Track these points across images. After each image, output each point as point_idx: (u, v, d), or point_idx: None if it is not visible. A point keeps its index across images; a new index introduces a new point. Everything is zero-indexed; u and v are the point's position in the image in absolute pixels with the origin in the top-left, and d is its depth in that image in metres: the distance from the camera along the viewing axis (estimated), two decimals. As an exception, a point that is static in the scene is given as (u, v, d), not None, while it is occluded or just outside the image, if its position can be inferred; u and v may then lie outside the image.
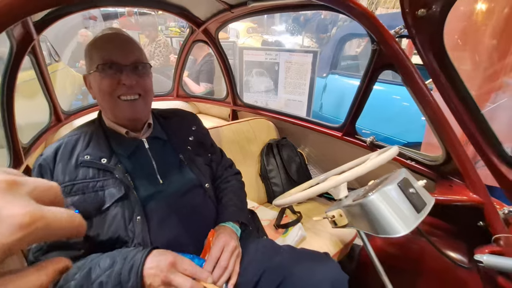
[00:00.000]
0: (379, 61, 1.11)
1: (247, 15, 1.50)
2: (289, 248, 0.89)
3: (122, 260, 0.67)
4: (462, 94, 0.91)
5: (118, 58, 0.80)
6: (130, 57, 0.82)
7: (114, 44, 0.82)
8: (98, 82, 0.81)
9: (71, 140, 0.84)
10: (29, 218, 0.21)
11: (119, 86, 0.81)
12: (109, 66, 0.79)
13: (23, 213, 0.21)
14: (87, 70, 0.85)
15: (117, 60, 0.80)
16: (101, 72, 0.80)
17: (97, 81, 0.81)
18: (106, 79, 0.80)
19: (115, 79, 0.80)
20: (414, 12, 0.85)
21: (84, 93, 4.31)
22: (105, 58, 0.79)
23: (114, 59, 0.80)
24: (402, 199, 0.74)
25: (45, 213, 0.23)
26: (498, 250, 0.88)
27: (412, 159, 1.17)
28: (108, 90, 0.81)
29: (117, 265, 0.67)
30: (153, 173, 0.87)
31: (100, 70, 0.79)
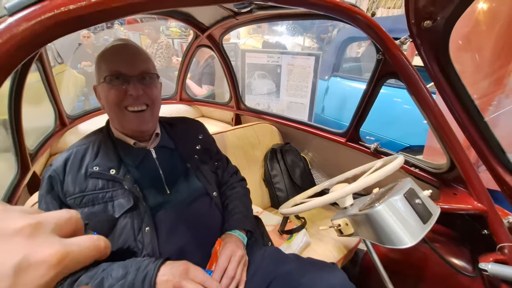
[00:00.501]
0: (384, 70, 1.12)
1: (251, 22, 1.51)
2: (295, 257, 0.90)
3: (135, 271, 0.68)
4: (465, 103, 0.92)
5: (125, 69, 0.81)
6: (137, 68, 0.82)
7: (121, 56, 0.83)
8: (106, 93, 0.82)
9: (80, 150, 0.85)
10: (56, 258, 0.22)
11: (126, 97, 0.81)
12: (116, 77, 0.80)
13: (50, 253, 0.22)
14: (96, 81, 0.86)
15: (124, 71, 0.81)
16: (109, 83, 0.81)
17: (105, 92, 0.82)
18: (113, 90, 0.81)
19: (122, 90, 0.81)
20: (420, 23, 0.86)
21: (85, 94, 4.32)
22: (112, 69, 0.80)
23: (121, 70, 0.81)
24: (409, 210, 0.75)
25: (71, 248, 0.24)
26: (503, 258, 0.89)
27: (416, 166, 1.18)
28: (115, 101, 0.81)
29: (130, 275, 0.68)
30: (160, 182, 0.88)
31: (108, 81, 0.80)
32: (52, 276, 0.22)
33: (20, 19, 0.40)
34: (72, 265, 0.24)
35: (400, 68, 1.01)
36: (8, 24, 0.40)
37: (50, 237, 0.24)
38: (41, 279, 0.21)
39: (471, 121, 0.93)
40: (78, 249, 0.25)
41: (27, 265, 0.21)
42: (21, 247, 0.22)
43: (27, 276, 0.21)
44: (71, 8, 0.41)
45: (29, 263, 0.21)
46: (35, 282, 0.21)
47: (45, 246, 0.23)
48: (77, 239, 0.26)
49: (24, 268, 0.21)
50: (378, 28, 0.92)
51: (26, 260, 0.21)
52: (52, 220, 0.26)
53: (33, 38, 0.40)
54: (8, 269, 0.20)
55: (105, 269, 0.71)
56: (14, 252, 0.21)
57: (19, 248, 0.22)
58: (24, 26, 0.39)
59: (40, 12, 0.40)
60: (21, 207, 0.27)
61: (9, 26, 0.40)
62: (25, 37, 0.40)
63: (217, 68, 3.03)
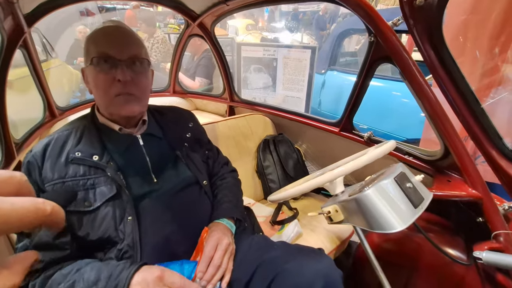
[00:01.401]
0: (376, 54, 1.08)
1: (242, 8, 1.47)
2: (282, 244, 0.88)
3: (107, 278, 0.64)
4: (461, 87, 0.89)
5: (114, 52, 0.77)
6: (127, 51, 0.78)
7: (111, 37, 0.79)
8: (94, 77, 0.78)
9: (62, 136, 0.81)
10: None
11: (114, 83, 0.77)
12: (104, 60, 0.76)
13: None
14: (84, 63, 0.82)
15: (113, 54, 0.77)
16: (96, 66, 0.77)
17: (93, 76, 0.78)
18: (101, 74, 0.77)
19: (110, 75, 0.77)
20: (412, 2, 0.83)
21: (82, 90, 4.29)
22: (100, 51, 0.76)
23: (109, 53, 0.76)
24: (399, 193, 0.71)
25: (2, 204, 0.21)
26: (498, 246, 0.86)
27: (410, 154, 1.15)
28: (103, 87, 0.78)
29: (101, 283, 0.63)
30: (147, 171, 0.85)
31: (95, 64, 0.77)
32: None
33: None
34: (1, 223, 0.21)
35: (393, 52, 0.98)
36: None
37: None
38: None
39: (466, 105, 0.90)
40: (10, 207, 0.22)
41: None
42: None
43: None
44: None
45: None
46: None
47: None
48: (13, 198, 0.23)
49: None
50: (369, 7, 0.88)
51: None
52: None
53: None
54: None
55: (80, 270, 0.67)
56: None
57: None
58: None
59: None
60: None
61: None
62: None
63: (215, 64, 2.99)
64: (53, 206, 0.26)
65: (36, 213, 0.24)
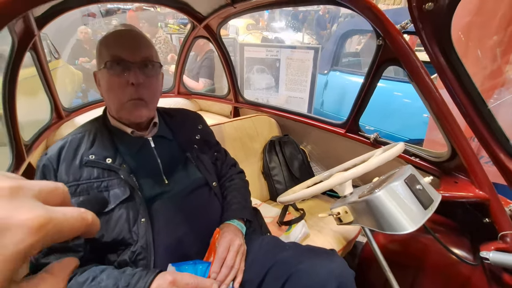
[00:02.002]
0: (384, 56, 1.10)
1: (249, 10, 1.48)
2: (293, 245, 0.89)
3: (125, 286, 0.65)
4: (468, 89, 0.90)
5: (127, 54, 0.78)
6: (139, 54, 0.80)
7: (123, 40, 0.80)
8: (107, 80, 0.79)
9: (75, 138, 0.82)
10: (38, 222, 0.21)
11: (127, 87, 0.79)
12: (117, 63, 0.78)
13: (31, 217, 0.21)
14: (97, 67, 0.83)
15: (125, 56, 0.78)
16: (109, 69, 0.78)
17: (106, 79, 0.80)
18: (114, 77, 0.78)
19: (123, 78, 0.78)
20: (421, 6, 0.84)
21: (83, 90, 4.30)
22: (113, 54, 0.78)
23: (122, 56, 0.78)
24: (409, 195, 0.73)
25: (54, 214, 0.22)
26: (504, 247, 0.87)
27: (416, 155, 1.16)
28: (116, 90, 0.79)
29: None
30: (158, 172, 0.86)
31: (108, 67, 0.78)
32: (32, 242, 0.20)
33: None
34: (55, 233, 0.22)
35: (401, 54, 0.99)
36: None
37: (32, 201, 0.22)
38: (21, 244, 0.20)
39: (473, 107, 0.91)
40: (62, 217, 0.23)
41: (6, 228, 0.20)
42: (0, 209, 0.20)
43: (5, 239, 0.19)
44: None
45: (8, 225, 0.20)
46: (14, 246, 0.20)
47: (24, 209, 0.21)
48: (63, 208, 0.24)
49: (3, 230, 0.19)
50: (378, 11, 0.90)
51: (5, 223, 0.20)
52: (35, 187, 0.24)
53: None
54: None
55: (96, 278, 0.67)
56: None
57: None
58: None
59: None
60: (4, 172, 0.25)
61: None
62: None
63: (217, 63, 3.00)
64: (92, 215, 0.27)
65: (81, 222, 0.25)
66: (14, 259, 0.20)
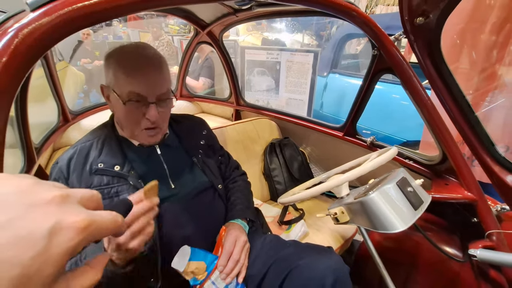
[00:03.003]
0: (379, 65, 1.16)
1: (251, 19, 1.54)
2: (294, 243, 0.94)
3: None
4: (457, 98, 0.96)
5: (146, 92, 0.78)
6: (158, 91, 0.80)
7: (144, 75, 0.78)
8: (122, 109, 0.80)
9: (84, 147, 0.85)
10: (84, 224, 0.26)
11: (143, 119, 0.81)
12: (135, 100, 0.79)
13: (78, 220, 0.26)
14: (107, 82, 0.83)
15: (145, 94, 0.78)
16: (126, 100, 0.79)
17: (120, 106, 0.80)
18: (131, 110, 0.80)
19: (140, 111, 0.81)
20: (413, 20, 0.90)
21: (85, 91, 4.34)
22: (133, 90, 0.77)
23: (142, 94, 0.78)
24: (401, 197, 0.79)
25: (95, 217, 0.28)
26: (491, 245, 0.93)
27: (410, 158, 1.23)
28: (132, 120, 0.82)
29: None
30: (165, 178, 0.90)
31: (126, 103, 0.79)
32: (79, 240, 0.25)
33: (41, 14, 0.43)
34: (96, 233, 0.27)
35: (395, 64, 1.05)
36: (30, 19, 0.43)
37: (77, 206, 0.28)
38: (71, 241, 0.25)
39: (462, 115, 0.97)
40: (101, 219, 0.28)
41: (59, 228, 0.24)
42: (53, 214, 0.25)
43: (59, 238, 0.24)
44: (88, 4, 0.45)
45: (61, 227, 0.24)
46: (66, 244, 0.24)
47: (73, 213, 0.26)
48: (100, 211, 0.30)
49: (57, 231, 0.24)
50: (373, 24, 0.95)
51: (59, 224, 0.24)
52: (78, 194, 0.29)
53: (54, 32, 0.44)
54: (43, 232, 0.23)
55: None
56: (48, 218, 0.24)
57: (52, 214, 0.25)
58: (45, 20, 0.43)
59: (60, 7, 0.43)
60: (51, 182, 0.30)
61: (31, 21, 0.43)
62: (46, 31, 0.43)
63: (217, 65, 3.06)
64: (121, 217, 0.32)
65: (114, 224, 0.31)
66: (65, 254, 0.24)
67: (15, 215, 0.23)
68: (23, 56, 0.43)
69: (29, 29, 0.43)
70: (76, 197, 0.29)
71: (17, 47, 0.41)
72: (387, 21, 2.65)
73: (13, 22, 0.44)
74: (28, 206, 0.24)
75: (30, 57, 0.45)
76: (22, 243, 0.22)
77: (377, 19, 1.48)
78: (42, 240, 0.23)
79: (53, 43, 0.46)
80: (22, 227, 0.23)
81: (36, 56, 0.46)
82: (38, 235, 0.23)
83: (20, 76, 0.44)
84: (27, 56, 0.44)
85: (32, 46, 0.43)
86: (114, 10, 0.47)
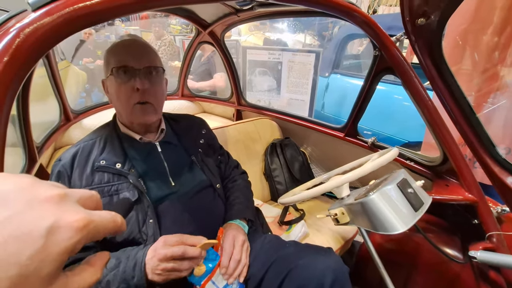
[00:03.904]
0: (380, 66, 1.16)
1: (252, 19, 1.54)
2: (294, 243, 0.94)
3: (126, 260, 0.72)
4: (458, 99, 0.96)
5: (133, 62, 0.83)
6: (144, 61, 0.85)
7: (129, 49, 0.86)
8: (115, 88, 0.85)
9: (87, 145, 0.88)
10: (82, 223, 0.26)
11: (133, 93, 0.84)
12: (123, 70, 0.83)
13: (77, 219, 0.25)
14: (104, 74, 0.89)
15: (131, 64, 0.83)
16: (116, 76, 0.83)
17: (114, 87, 0.85)
18: (122, 86, 0.84)
19: (129, 85, 0.83)
20: (414, 21, 0.90)
21: (87, 90, 4.36)
22: (120, 61, 0.83)
23: (128, 64, 0.83)
24: (401, 198, 0.79)
25: (93, 216, 0.27)
26: (491, 246, 0.93)
27: (411, 159, 1.22)
28: (124, 96, 0.85)
29: (122, 264, 0.71)
30: (165, 176, 0.91)
31: (115, 73, 0.83)
32: (78, 240, 0.25)
33: (43, 14, 0.44)
34: (94, 233, 0.27)
35: (396, 64, 1.05)
36: (31, 19, 0.44)
37: (76, 206, 0.28)
38: (69, 240, 0.24)
39: (463, 116, 0.97)
40: (99, 219, 0.28)
41: (57, 227, 0.24)
42: (52, 212, 0.24)
43: (57, 237, 0.24)
44: (89, 4, 0.45)
45: (59, 225, 0.24)
46: (64, 243, 0.24)
47: (72, 212, 0.26)
48: (99, 211, 0.30)
49: (55, 230, 0.24)
50: (375, 25, 0.95)
51: (57, 223, 0.24)
52: (77, 194, 0.29)
53: (55, 32, 0.44)
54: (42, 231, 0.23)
55: None
56: (46, 216, 0.24)
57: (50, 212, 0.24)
58: (47, 20, 0.43)
59: (62, 7, 0.43)
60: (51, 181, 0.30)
61: (32, 21, 0.43)
62: (47, 31, 0.43)
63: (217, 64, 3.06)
64: (121, 218, 0.32)
65: (113, 224, 0.30)
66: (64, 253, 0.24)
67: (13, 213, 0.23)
68: (25, 56, 0.43)
69: (30, 29, 0.43)
70: (75, 197, 0.28)
71: (18, 47, 0.41)
72: (389, 21, 2.65)
73: (15, 22, 0.44)
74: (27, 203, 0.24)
75: (32, 57, 0.45)
76: (20, 242, 0.22)
77: (379, 19, 1.48)
78: (40, 239, 0.23)
79: (54, 43, 0.46)
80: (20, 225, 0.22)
81: (38, 56, 0.46)
82: (36, 233, 0.23)
83: (21, 75, 0.44)
84: (28, 56, 0.44)
85: (33, 46, 0.44)
86: (116, 10, 0.47)
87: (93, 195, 0.31)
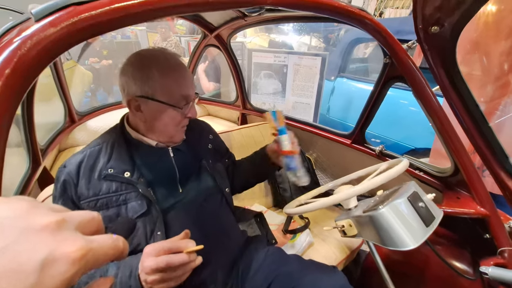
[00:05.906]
0: (390, 74, 1.13)
1: (260, 23, 1.52)
2: (297, 258, 0.92)
3: (123, 268, 0.69)
4: (471, 109, 0.93)
5: (190, 90, 0.83)
6: (193, 87, 0.85)
7: (186, 78, 0.84)
8: (164, 114, 0.82)
9: (94, 152, 0.83)
10: (80, 254, 0.24)
11: (184, 120, 0.85)
12: (186, 101, 0.82)
13: (74, 250, 0.24)
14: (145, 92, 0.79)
15: (190, 92, 0.83)
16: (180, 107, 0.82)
17: (162, 113, 0.81)
18: (173, 112, 0.82)
19: (182, 112, 0.83)
20: (427, 28, 0.87)
21: (92, 90, 4.38)
22: (184, 93, 0.82)
23: (189, 93, 0.83)
24: (412, 212, 0.76)
25: (92, 245, 0.26)
26: (503, 262, 0.90)
27: (421, 169, 1.19)
28: (173, 122, 0.84)
29: (120, 273, 0.69)
30: (174, 182, 0.89)
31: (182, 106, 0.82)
32: (75, 272, 0.23)
33: (46, 25, 0.42)
34: (93, 262, 0.25)
35: (407, 73, 1.02)
36: (35, 29, 0.42)
37: (74, 233, 0.26)
38: (65, 274, 0.23)
39: (475, 126, 0.94)
40: (98, 246, 0.26)
41: (52, 260, 0.22)
42: (46, 243, 0.23)
43: (52, 270, 0.22)
44: (94, 14, 0.44)
45: (54, 258, 0.22)
46: (59, 276, 0.22)
47: (68, 242, 0.24)
48: (98, 237, 0.27)
49: (50, 263, 0.22)
50: (385, 32, 0.93)
51: (52, 255, 0.22)
52: (76, 219, 0.27)
53: (59, 42, 0.42)
54: (35, 264, 0.21)
55: (103, 267, 0.71)
56: (40, 247, 0.22)
57: (45, 243, 0.23)
58: (50, 31, 0.42)
59: (66, 17, 0.42)
60: (49, 204, 0.28)
61: (36, 31, 0.42)
62: (51, 42, 0.42)
63: (223, 68, 3.05)
64: (123, 241, 0.30)
65: (115, 249, 0.28)
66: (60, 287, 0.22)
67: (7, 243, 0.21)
68: (27, 68, 0.42)
69: (33, 41, 0.41)
70: (74, 222, 0.27)
71: (20, 59, 0.40)
72: (397, 25, 2.62)
73: (18, 31, 0.43)
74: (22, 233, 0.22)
75: (35, 69, 0.43)
76: (13, 277, 0.20)
77: (386, 23, 1.45)
78: (34, 273, 0.21)
79: (58, 53, 0.45)
80: (14, 258, 0.21)
81: (41, 67, 0.44)
82: (30, 268, 0.21)
83: (24, 87, 0.43)
84: (31, 68, 0.42)
85: (36, 58, 0.42)
86: (121, 21, 0.45)
87: (94, 218, 0.29)
